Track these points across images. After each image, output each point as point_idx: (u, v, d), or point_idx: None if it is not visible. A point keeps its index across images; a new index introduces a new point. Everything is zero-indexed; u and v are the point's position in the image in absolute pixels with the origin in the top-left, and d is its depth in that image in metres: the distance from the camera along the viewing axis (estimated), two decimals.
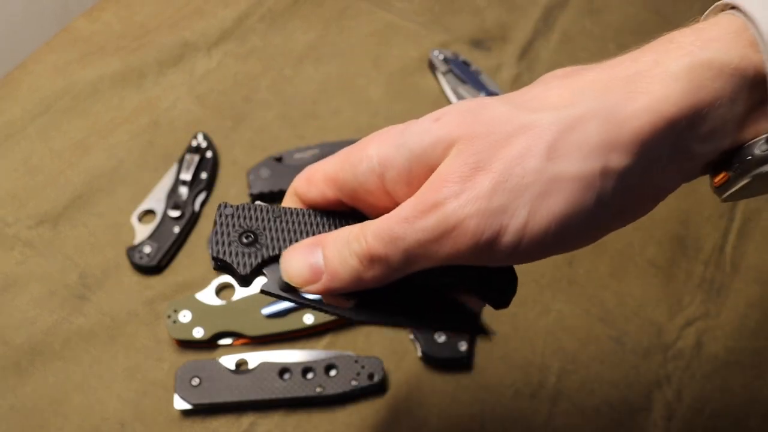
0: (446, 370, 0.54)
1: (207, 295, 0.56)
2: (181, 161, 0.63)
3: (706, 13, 0.30)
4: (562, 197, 0.27)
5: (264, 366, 0.52)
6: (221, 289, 0.57)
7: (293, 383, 0.51)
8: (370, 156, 0.30)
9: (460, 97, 0.69)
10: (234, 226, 0.32)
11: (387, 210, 0.30)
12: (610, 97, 0.27)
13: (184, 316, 0.54)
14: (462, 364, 0.54)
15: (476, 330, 0.34)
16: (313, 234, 0.32)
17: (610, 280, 0.59)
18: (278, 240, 0.32)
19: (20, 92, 0.69)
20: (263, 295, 0.53)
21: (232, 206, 0.32)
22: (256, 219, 0.32)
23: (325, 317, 0.54)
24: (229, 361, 0.53)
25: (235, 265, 0.31)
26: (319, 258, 0.30)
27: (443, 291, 0.33)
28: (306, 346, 0.55)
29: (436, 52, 0.72)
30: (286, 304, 0.54)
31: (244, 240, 0.32)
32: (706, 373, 0.55)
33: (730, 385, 0.54)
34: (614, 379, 0.54)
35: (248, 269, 0.31)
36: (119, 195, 0.63)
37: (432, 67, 0.72)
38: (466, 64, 0.71)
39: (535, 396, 0.53)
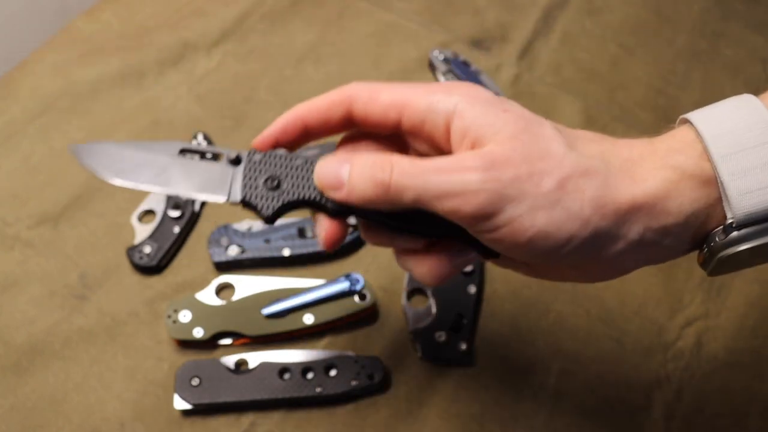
0: (446, 369, 0.54)
1: (207, 295, 0.56)
2: None
3: (678, 120, 0.35)
4: (550, 217, 0.32)
5: (264, 366, 0.52)
6: (221, 289, 0.57)
7: (293, 383, 0.52)
8: (454, 102, 0.35)
9: None
10: (260, 171, 0.37)
11: (425, 152, 0.37)
12: (611, 168, 0.33)
13: (184, 316, 0.54)
14: (462, 363, 0.54)
15: (486, 251, 0.37)
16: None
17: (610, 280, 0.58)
18: (298, 186, 0.37)
19: (20, 92, 0.69)
20: (263, 295, 0.54)
21: (259, 153, 0.38)
22: (280, 166, 0.37)
23: (325, 317, 0.54)
24: (229, 361, 0.53)
25: (259, 208, 0.37)
26: (345, 172, 0.35)
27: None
28: (306, 346, 0.55)
29: (436, 52, 0.72)
30: (286, 304, 0.54)
31: (269, 185, 0.37)
32: (706, 373, 0.55)
33: (730, 385, 0.54)
34: (614, 379, 0.54)
35: (271, 211, 0.36)
36: (119, 195, 0.63)
37: (432, 67, 0.72)
38: (466, 64, 0.71)
39: (535, 396, 0.53)
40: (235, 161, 0.38)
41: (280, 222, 0.59)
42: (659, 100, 0.71)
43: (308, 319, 0.54)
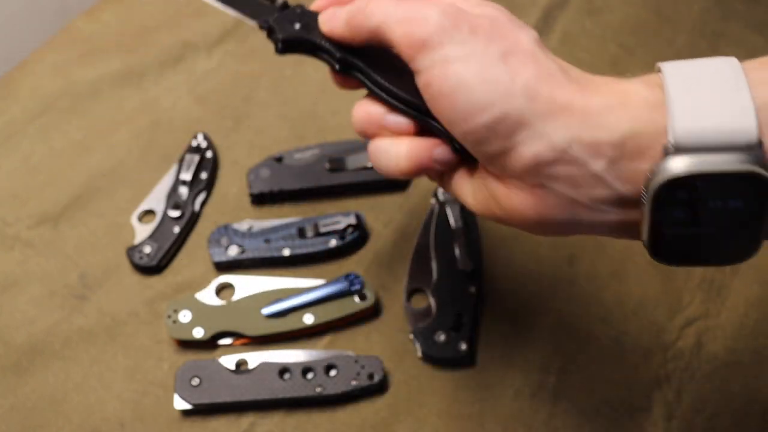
0: (446, 369, 0.54)
1: (207, 295, 0.56)
2: (181, 161, 0.63)
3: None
4: (480, 72, 0.33)
5: (264, 366, 0.52)
6: (221, 289, 0.57)
7: (293, 383, 0.52)
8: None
9: None
10: (296, 17, 0.43)
11: None
12: (565, 73, 0.33)
13: (184, 316, 0.54)
14: (462, 363, 0.54)
15: (455, 144, 0.38)
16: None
17: (610, 280, 0.59)
18: (318, 35, 0.42)
19: (20, 92, 0.69)
20: (263, 295, 0.54)
21: (305, 8, 0.43)
22: (310, 17, 0.43)
23: (326, 317, 0.54)
24: (229, 361, 0.53)
25: (278, 31, 0.44)
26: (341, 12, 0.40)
27: None
28: (306, 346, 0.55)
29: None
30: (286, 304, 0.55)
31: (296, 25, 0.43)
32: (706, 373, 0.55)
33: (730, 385, 0.54)
34: (614, 379, 0.54)
35: (285, 34, 0.43)
36: (119, 195, 0.63)
37: None
38: None
39: (535, 396, 0.53)
40: (283, 6, 0.45)
41: (280, 222, 0.60)
42: None
43: (308, 319, 0.54)
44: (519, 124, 0.32)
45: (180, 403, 0.51)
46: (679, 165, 0.30)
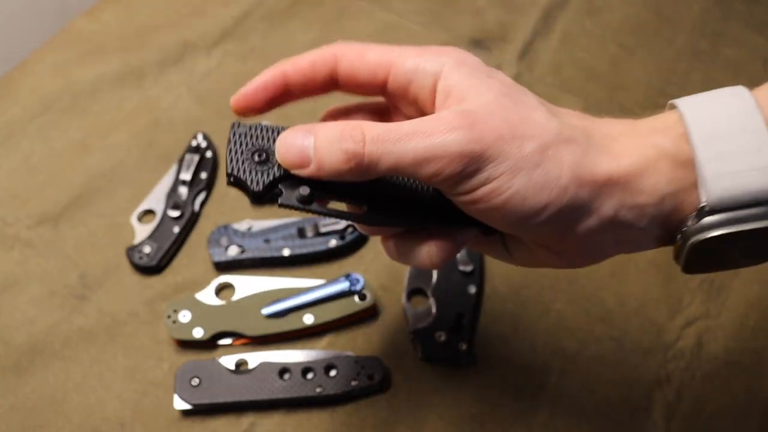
0: (446, 369, 0.54)
1: (207, 295, 0.56)
2: (181, 161, 0.63)
3: (667, 106, 0.35)
4: (529, 180, 0.32)
5: (264, 366, 0.52)
6: (221, 289, 0.57)
7: (293, 383, 0.51)
8: (442, 63, 0.34)
9: None
10: (247, 144, 0.34)
11: (411, 116, 0.36)
12: (591, 141, 0.33)
13: (184, 316, 0.54)
14: (462, 363, 0.54)
15: (486, 227, 0.35)
16: None
17: (610, 280, 0.59)
18: None
19: (20, 92, 0.69)
20: (263, 295, 0.53)
21: (245, 125, 0.34)
22: (268, 139, 0.34)
23: (326, 317, 0.54)
24: (229, 361, 0.53)
25: (249, 183, 0.33)
26: (310, 144, 0.33)
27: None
28: (306, 346, 0.55)
29: None
30: (286, 304, 0.54)
31: (257, 158, 0.33)
32: (706, 373, 0.55)
33: (730, 385, 0.54)
34: (614, 379, 0.54)
35: (260, 186, 0.33)
36: (119, 195, 0.63)
37: None
38: None
39: (535, 396, 0.53)
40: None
41: (280, 222, 0.59)
42: (659, 100, 0.71)
43: (308, 319, 0.54)
44: (573, 210, 0.33)
45: (180, 404, 0.51)
46: (714, 224, 0.32)
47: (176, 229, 0.60)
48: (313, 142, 0.32)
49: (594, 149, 0.33)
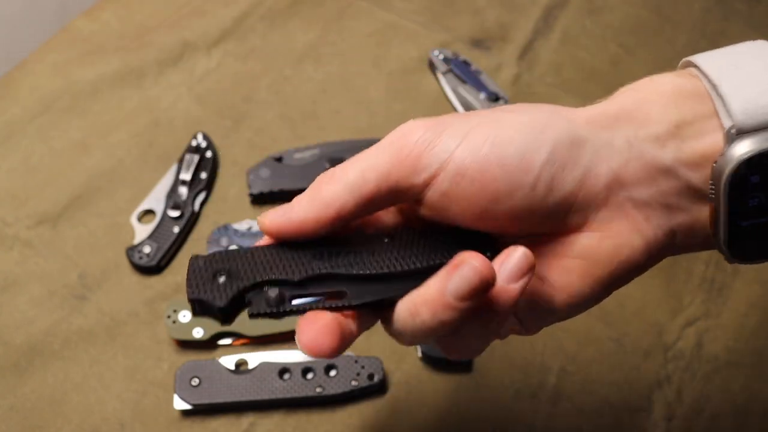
0: (446, 370, 0.54)
1: None
2: (180, 161, 0.63)
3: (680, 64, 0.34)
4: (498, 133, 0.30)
5: (264, 366, 0.52)
6: None
7: (293, 383, 0.51)
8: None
9: (460, 97, 0.69)
10: (207, 270, 0.31)
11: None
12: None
13: (184, 316, 0.54)
14: (462, 364, 0.54)
15: (487, 237, 0.32)
16: (288, 268, 0.31)
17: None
18: (253, 271, 0.31)
19: (20, 92, 0.69)
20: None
21: (202, 257, 0.32)
22: (229, 260, 0.32)
23: None
24: (229, 361, 0.53)
25: (211, 300, 0.30)
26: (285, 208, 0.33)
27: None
28: None
29: (436, 52, 0.72)
30: None
31: (219, 278, 0.31)
32: (706, 373, 0.55)
33: (730, 385, 0.54)
34: (614, 379, 0.54)
35: (224, 301, 0.31)
36: (119, 195, 0.63)
37: (432, 66, 0.72)
38: (466, 63, 0.71)
39: (535, 396, 0.53)
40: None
41: None
42: None
43: None
44: (577, 147, 0.30)
45: (180, 404, 0.51)
46: (745, 147, 0.29)
47: (176, 229, 0.60)
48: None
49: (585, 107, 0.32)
